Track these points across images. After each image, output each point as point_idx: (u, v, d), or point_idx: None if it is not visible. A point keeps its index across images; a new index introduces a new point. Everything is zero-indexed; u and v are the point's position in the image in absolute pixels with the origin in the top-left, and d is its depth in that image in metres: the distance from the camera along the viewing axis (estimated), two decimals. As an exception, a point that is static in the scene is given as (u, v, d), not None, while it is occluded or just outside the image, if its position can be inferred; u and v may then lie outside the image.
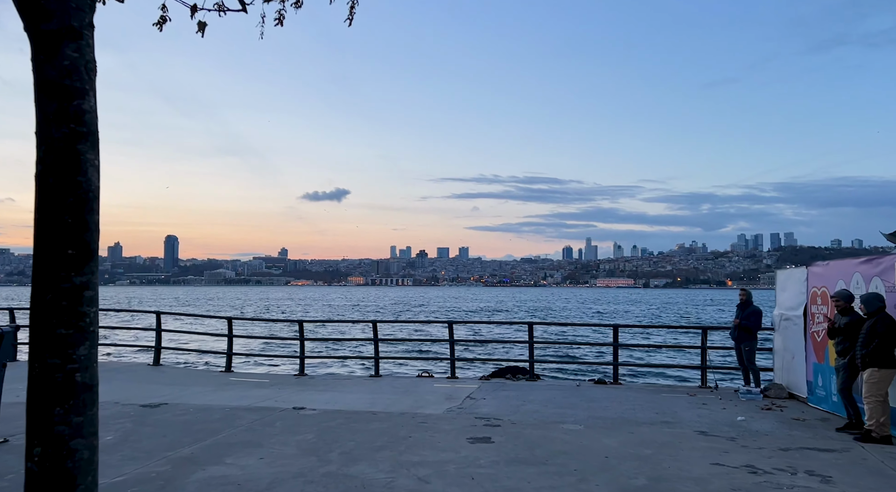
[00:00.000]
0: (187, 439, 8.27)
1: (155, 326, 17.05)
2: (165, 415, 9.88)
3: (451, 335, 16.09)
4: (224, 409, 10.48)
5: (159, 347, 17.00)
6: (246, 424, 9.31)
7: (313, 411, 10.49)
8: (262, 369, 22.51)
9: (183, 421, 9.43)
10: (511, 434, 8.83)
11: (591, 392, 13.48)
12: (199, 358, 23.78)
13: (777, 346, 13.54)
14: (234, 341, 16.96)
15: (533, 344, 15.61)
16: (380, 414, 10.29)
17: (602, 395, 13.15)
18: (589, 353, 29.68)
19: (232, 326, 16.74)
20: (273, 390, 13.42)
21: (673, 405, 11.84)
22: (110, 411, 10.10)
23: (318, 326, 44.79)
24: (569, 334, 42.41)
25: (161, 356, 17.16)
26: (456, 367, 16.17)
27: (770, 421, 10.30)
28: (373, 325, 16.47)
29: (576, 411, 11.10)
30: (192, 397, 12.16)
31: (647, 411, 11.27)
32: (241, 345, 27.11)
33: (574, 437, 8.74)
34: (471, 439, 8.47)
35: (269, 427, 9.10)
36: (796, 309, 12.60)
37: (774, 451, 7.99)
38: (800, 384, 12.46)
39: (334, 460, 7.41)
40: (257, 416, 9.95)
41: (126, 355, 22.71)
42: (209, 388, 13.47)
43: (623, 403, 12.09)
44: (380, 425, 9.36)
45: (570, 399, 12.56)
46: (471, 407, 11.51)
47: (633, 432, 9.19)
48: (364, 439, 8.40)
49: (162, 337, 17.17)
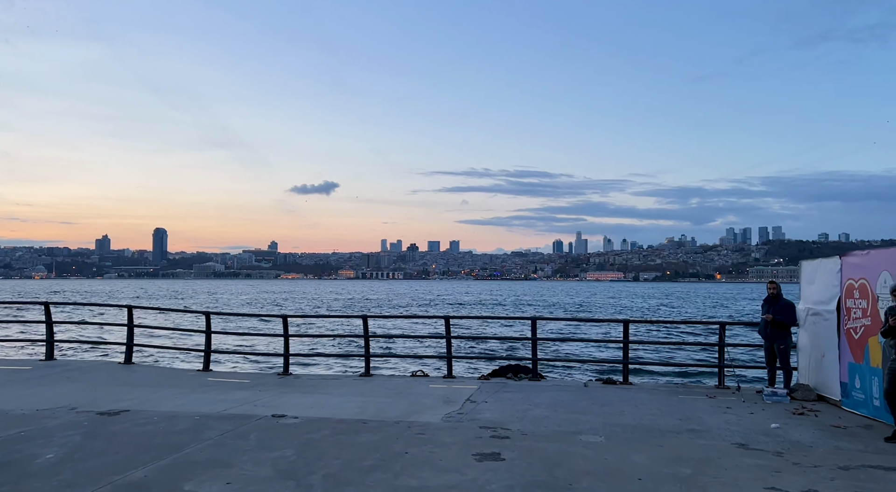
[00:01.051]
0: (143, 457, 7.01)
1: (126, 322, 15.72)
2: (124, 425, 8.61)
3: (447, 332, 14.88)
4: (193, 417, 9.22)
5: (131, 344, 15.67)
6: (215, 436, 8.06)
7: (295, 419, 9.25)
8: (244, 367, 21.24)
9: (143, 433, 8.17)
10: (523, 449, 7.63)
11: (602, 394, 12.34)
12: (178, 356, 22.45)
13: (802, 343, 12.43)
14: (214, 338, 15.70)
15: (536, 341, 14.44)
16: (371, 423, 9.06)
17: (614, 397, 12.01)
18: (595, 350, 28.51)
19: (210, 322, 15.45)
20: (253, 392, 12.18)
21: (694, 409, 10.71)
22: (61, 420, 8.83)
23: (305, 322, 43.40)
24: (566, 331, 41.34)
25: (133, 354, 15.85)
26: (453, 365, 14.97)
27: (808, 429, 9.18)
28: (363, 320, 15.22)
29: (590, 418, 9.94)
30: (160, 401, 10.89)
31: (667, 416, 10.14)
32: (222, 342, 25.80)
33: (596, 452, 7.56)
34: (477, 456, 7.27)
35: (241, 440, 7.86)
36: (827, 303, 11.48)
37: (834, 470, 6.85)
38: (831, 386, 11.35)
39: (316, 485, 6.18)
40: (230, 425, 8.70)
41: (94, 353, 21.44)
42: (182, 390, 12.21)
43: (639, 406, 10.95)
44: (371, 437, 8.14)
45: (580, 402, 11.41)
46: (472, 413, 10.33)
47: (662, 444, 8.02)
48: (353, 456, 7.18)
49: (134, 333, 15.85)
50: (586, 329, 41.35)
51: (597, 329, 41.31)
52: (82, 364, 15.30)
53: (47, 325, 15.73)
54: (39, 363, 15.07)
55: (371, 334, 15.50)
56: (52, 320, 15.74)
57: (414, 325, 43.93)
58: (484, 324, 46.29)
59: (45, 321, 15.73)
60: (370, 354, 15.16)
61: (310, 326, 42.09)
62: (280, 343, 15.75)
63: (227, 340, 24.22)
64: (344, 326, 41.43)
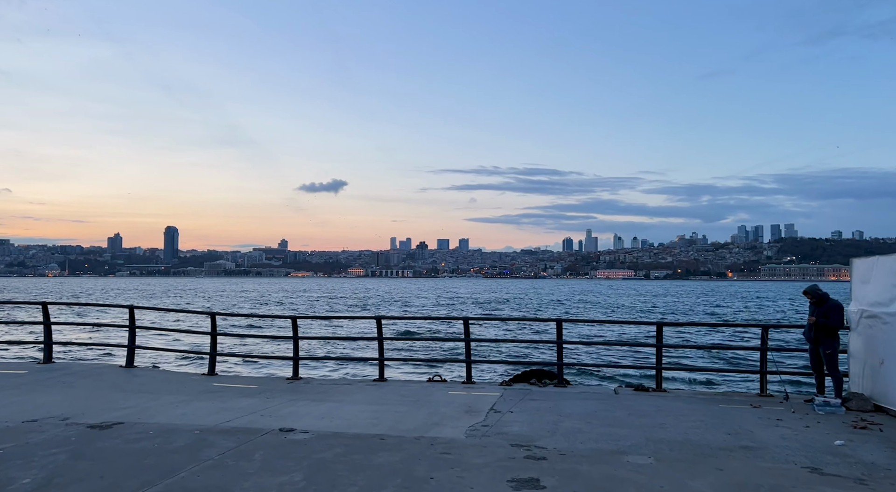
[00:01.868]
0: (131, 483, 6.14)
1: (128, 323, 14.92)
2: (115, 441, 7.75)
3: (466, 334, 13.98)
4: (192, 431, 8.35)
5: (133, 346, 14.88)
6: (215, 456, 7.18)
7: (305, 434, 8.36)
8: (252, 369, 20.38)
9: (135, 451, 7.30)
10: (564, 473, 6.70)
11: (636, 403, 11.39)
12: (184, 360, 21.67)
13: (855, 348, 11.40)
14: (222, 340, 14.89)
15: (562, 344, 13.49)
16: (388, 439, 8.16)
17: (649, 406, 11.06)
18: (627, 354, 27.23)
19: (215, 323, 14.63)
20: (260, 399, 11.33)
21: (742, 422, 9.74)
22: (47, 435, 7.98)
23: (317, 324, 42.47)
24: (589, 333, 40.14)
25: (135, 357, 15.05)
26: (472, 370, 14.05)
27: (879, 448, 8.19)
28: (377, 321, 14.34)
29: (629, 432, 8.99)
30: (158, 411, 10.05)
31: (714, 429, 9.17)
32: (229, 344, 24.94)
33: (648, 478, 6.62)
34: (513, 483, 6.35)
35: (245, 461, 6.98)
36: (887, 305, 10.44)
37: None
38: (891, 395, 10.32)
39: (329, 520, 5.29)
40: (233, 442, 7.83)
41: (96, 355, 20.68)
42: (184, 397, 11.37)
43: (680, 418, 10.00)
44: (389, 457, 7.23)
45: (614, 413, 10.47)
46: (498, 425, 9.41)
47: (722, 467, 7.06)
48: (370, 483, 6.28)
49: (136, 334, 15.05)
50: (616, 331, 39.78)
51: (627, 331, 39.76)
52: (81, 368, 14.51)
53: (45, 326, 14.96)
54: (36, 367, 14.30)
55: (385, 337, 14.63)
56: (49, 321, 14.96)
57: (430, 326, 42.90)
58: (499, 326, 45.29)
59: (43, 322, 14.96)
60: (384, 358, 14.28)
61: (321, 327, 41.30)
62: (289, 345, 14.94)
63: (234, 342, 23.46)
64: (357, 328, 40.71)
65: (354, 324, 42.63)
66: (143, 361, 18.50)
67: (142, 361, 17.38)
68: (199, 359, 20.71)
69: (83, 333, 29.26)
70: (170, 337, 29.84)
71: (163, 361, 20.44)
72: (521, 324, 44.93)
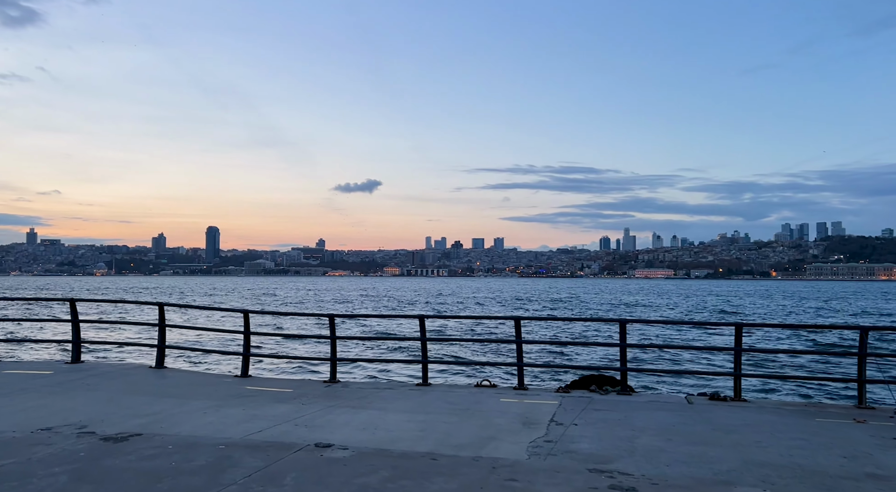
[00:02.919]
0: (138, 516, 5.09)
1: (158, 321, 14.10)
2: (128, 458, 6.75)
3: (517, 334, 12.71)
4: (216, 445, 7.31)
5: (163, 345, 14.05)
6: (240, 478, 6.11)
7: (344, 451, 7.24)
8: (287, 371, 19.44)
9: (147, 471, 6.28)
10: (664, 511, 5.41)
11: (716, 415, 9.99)
12: (217, 359, 20.90)
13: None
14: (256, 340, 13.95)
15: (625, 347, 12.12)
16: (441, 460, 6.97)
17: (733, 419, 9.64)
18: (697, 359, 25.22)
19: (249, 322, 13.69)
20: (295, 405, 10.30)
21: (853, 441, 8.27)
22: (56, 448, 7.04)
23: (354, 323, 41.22)
24: (651, 334, 38.12)
25: (165, 357, 14.22)
26: (524, 374, 12.80)
27: None
28: (419, 321, 13.20)
29: (721, 452, 7.63)
30: (183, 418, 9.09)
31: (824, 451, 7.74)
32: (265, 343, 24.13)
33: (773, 519, 5.27)
34: (603, 524, 5.09)
35: (273, 487, 5.88)
36: None
37: None
38: None
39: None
40: (261, 460, 6.75)
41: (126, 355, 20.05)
42: (212, 402, 10.42)
43: (776, 435, 8.57)
44: (445, 484, 6.05)
45: (694, 427, 9.10)
46: (564, 441, 8.16)
47: (862, 506, 5.67)
48: (424, 519, 5.10)
49: (166, 333, 14.22)
50: (683, 334, 36.49)
51: (688, 333, 36.42)
52: (109, 369, 13.75)
53: (73, 324, 14.26)
54: (63, 367, 13.59)
55: (428, 338, 13.50)
56: (78, 319, 14.25)
57: (477, 326, 41.11)
58: (552, 326, 43.51)
59: (71, 321, 14.26)
60: (428, 360, 13.13)
61: (359, 326, 40.32)
62: (326, 346, 13.94)
63: (269, 341, 22.67)
64: (398, 328, 39.56)
65: (394, 323, 41.50)
66: (174, 361, 17.83)
67: (173, 361, 16.69)
68: (232, 359, 19.93)
69: (114, 332, 28.99)
70: (203, 336, 29.29)
71: (195, 361, 19.75)
72: (572, 324, 42.74)
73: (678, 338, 34.51)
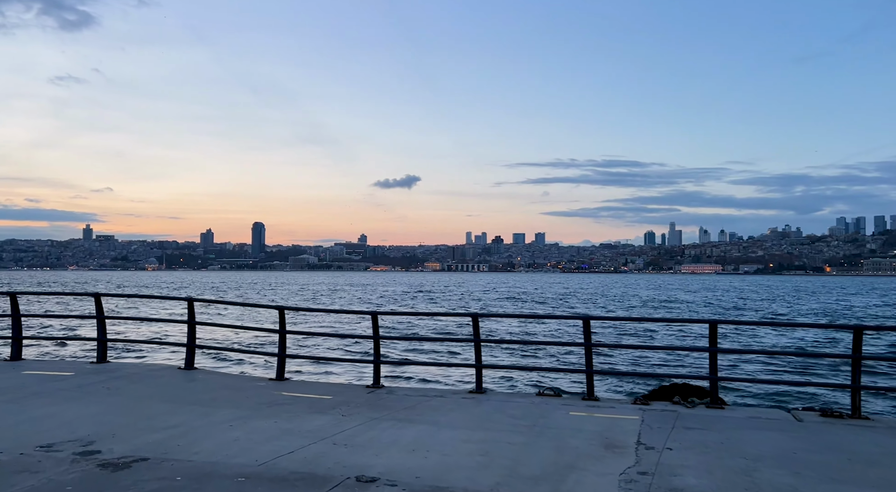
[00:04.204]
0: None
1: (187, 318, 12.96)
2: (125, 493, 5.41)
3: (587, 337, 11.04)
4: (235, 477, 5.95)
5: (192, 345, 12.90)
6: (259, 531, 4.69)
7: (392, 487, 5.77)
8: (327, 373, 18.08)
9: (146, 514, 4.93)
10: None
11: (841, 438, 8.19)
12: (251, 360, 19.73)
13: None
14: (293, 339, 12.67)
15: (716, 352, 10.34)
16: (517, 503, 5.42)
17: (868, 445, 7.84)
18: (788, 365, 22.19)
19: (284, 319, 12.41)
20: (333, 417, 8.94)
21: None
22: (44, 478, 5.78)
23: (401, 322, 38.25)
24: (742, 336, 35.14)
25: (195, 357, 13.07)
26: (594, 381, 11.14)
27: None
28: (472, 319, 11.67)
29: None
30: (203, 434, 7.80)
31: None
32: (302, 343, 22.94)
33: None
34: None
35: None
36: None
37: None
38: None
39: None
40: (288, 499, 5.34)
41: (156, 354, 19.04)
42: (241, 413, 9.14)
43: (935, 470, 6.74)
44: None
45: (821, 456, 7.34)
46: (662, 472, 6.55)
47: None
48: None
49: (196, 331, 13.06)
50: (777, 337, 32.21)
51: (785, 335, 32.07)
52: (134, 370, 12.66)
53: (98, 321, 13.23)
54: (86, 368, 12.56)
55: (483, 339, 11.97)
56: (104, 316, 13.22)
57: (535, 326, 37.92)
58: (625, 328, 37.04)
59: (97, 317, 13.24)
60: (482, 365, 11.59)
61: (407, 326, 37.72)
62: (369, 346, 12.56)
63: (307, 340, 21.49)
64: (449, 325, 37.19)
65: (447, 321, 39.13)
66: (206, 361, 16.77)
67: (205, 361, 15.60)
68: (267, 360, 18.81)
69: (143, 327, 28.17)
70: (238, 334, 28.12)
71: (229, 360, 18.66)
72: (645, 324, 37.55)
73: (786, 343, 30.80)
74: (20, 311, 13.48)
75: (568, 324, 38.30)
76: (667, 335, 33.26)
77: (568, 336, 32.99)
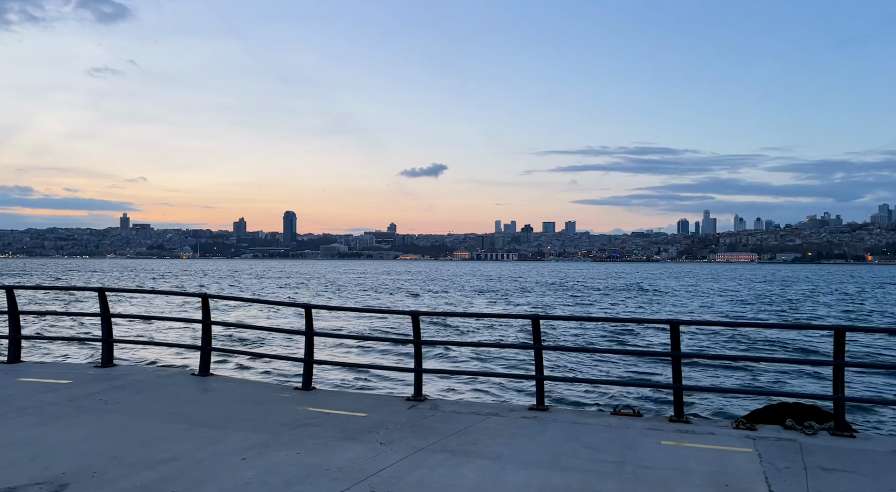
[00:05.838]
0: None
1: (201, 317, 11.33)
2: None
3: (674, 343, 9.05)
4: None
5: (208, 348, 11.28)
6: None
7: None
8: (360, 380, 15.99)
9: None
10: None
11: None
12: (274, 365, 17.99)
13: None
14: (320, 342, 10.98)
15: (843, 366, 8.28)
16: None
17: None
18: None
19: (311, 319, 10.70)
20: (370, 446, 7.20)
21: None
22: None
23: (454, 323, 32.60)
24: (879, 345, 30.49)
25: (211, 362, 11.46)
26: (682, 398, 9.17)
27: None
28: (532, 322, 9.78)
29: None
30: (208, 474, 6.15)
31: None
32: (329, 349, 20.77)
33: None
34: None
35: None
36: None
37: None
38: None
39: None
40: None
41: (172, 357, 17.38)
42: (258, 437, 7.47)
43: None
44: None
45: None
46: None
47: None
48: None
49: (212, 332, 11.43)
50: (864, 340, 26.67)
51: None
52: (142, 377, 11.10)
53: (103, 319, 11.71)
54: (89, 374, 11.05)
55: (544, 345, 10.10)
56: (108, 313, 11.68)
57: (600, 328, 31.11)
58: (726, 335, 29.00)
59: (101, 314, 11.71)
60: (544, 376, 9.71)
61: (448, 328, 32.89)
62: (409, 350, 10.79)
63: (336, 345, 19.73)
64: (504, 328, 31.77)
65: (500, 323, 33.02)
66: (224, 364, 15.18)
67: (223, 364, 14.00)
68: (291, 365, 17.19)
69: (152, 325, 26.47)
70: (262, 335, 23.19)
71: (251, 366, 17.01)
72: (747, 331, 29.38)
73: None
74: (17, 307, 12.02)
75: (646, 328, 31.29)
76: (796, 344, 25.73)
77: (644, 342, 27.48)
